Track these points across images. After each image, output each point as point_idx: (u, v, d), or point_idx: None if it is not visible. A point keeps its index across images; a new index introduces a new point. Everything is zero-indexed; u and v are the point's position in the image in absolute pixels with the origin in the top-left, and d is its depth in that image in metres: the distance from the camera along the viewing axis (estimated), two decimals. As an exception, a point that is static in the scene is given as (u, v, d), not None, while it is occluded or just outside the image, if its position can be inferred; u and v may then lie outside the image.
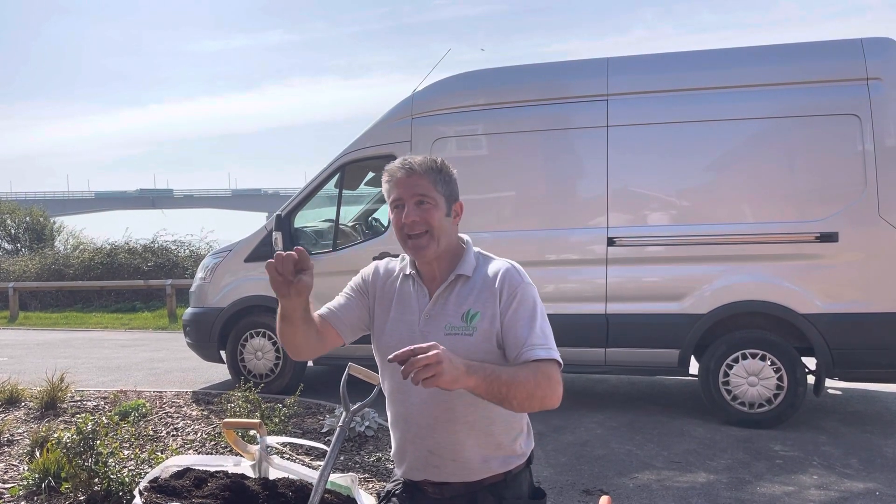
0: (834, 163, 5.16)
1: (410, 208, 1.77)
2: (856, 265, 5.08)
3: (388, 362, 1.52)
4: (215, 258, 6.85)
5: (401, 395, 1.85)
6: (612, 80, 5.63)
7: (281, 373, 6.44)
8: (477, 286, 1.80)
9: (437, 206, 1.78)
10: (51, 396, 5.61)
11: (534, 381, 1.61)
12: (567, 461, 4.55)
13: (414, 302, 1.86)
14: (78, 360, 8.79)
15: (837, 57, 5.25)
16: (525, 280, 1.80)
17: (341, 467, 4.29)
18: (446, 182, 1.82)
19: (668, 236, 5.48)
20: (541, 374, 1.63)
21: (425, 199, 1.77)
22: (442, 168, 1.82)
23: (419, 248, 1.79)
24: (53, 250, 19.56)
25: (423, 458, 1.83)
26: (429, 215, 1.77)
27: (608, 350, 5.55)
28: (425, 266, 1.86)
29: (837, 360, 5.11)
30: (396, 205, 1.80)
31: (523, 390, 1.59)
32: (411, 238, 1.79)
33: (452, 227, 1.84)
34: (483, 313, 1.77)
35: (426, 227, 1.77)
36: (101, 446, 3.62)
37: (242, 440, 2.58)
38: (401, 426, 1.87)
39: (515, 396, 1.58)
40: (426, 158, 1.82)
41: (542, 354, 1.68)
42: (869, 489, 4.02)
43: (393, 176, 1.81)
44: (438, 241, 1.79)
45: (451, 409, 1.78)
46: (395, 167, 1.81)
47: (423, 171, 1.79)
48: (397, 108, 6.28)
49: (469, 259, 1.85)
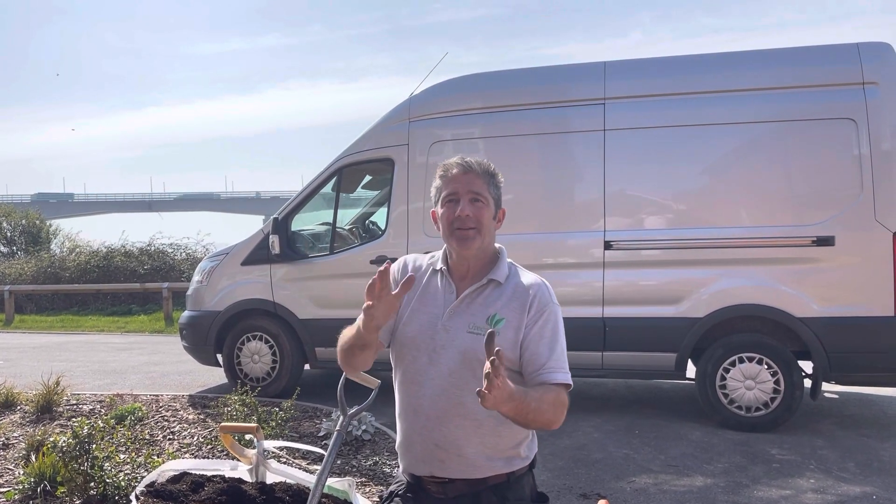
0: (830, 167, 5.17)
1: (465, 203, 1.83)
2: (852, 269, 5.09)
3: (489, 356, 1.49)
4: (212, 261, 6.83)
5: (414, 386, 1.87)
6: (610, 84, 5.64)
7: (278, 376, 6.43)
8: (506, 294, 1.85)
9: (488, 206, 1.87)
10: (46, 400, 5.59)
11: (552, 409, 1.71)
12: (564, 465, 4.55)
13: (440, 296, 1.90)
14: (74, 364, 8.76)
15: (834, 61, 5.27)
16: (554, 300, 1.86)
17: (338, 471, 4.28)
18: (496, 186, 1.91)
19: (665, 240, 5.49)
20: (559, 402, 1.73)
21: (479, 198, 1.85)
22: (495, 173, 1.91)
23: (466, 238, 1.84)
24: (49, 253, 19.51)
25: (429, 451, 1.85)
26: (481, 213, 1.84)
27: (605, 354, 5.55)
28: (459, 264, 1.90)
29: (834, 363, 5.11)
30: (451, 199, 1.86)
31: (543, 417, 1.69)
32: (460, 230, 1.83)
33: (494, 231, 1.91)
34: (509, 321, 1.81)
35: (476, 223, 1.83)
36: (98, 450, 3.61)
37: (239, 444, 2.57)
38: (409, 417, 1.89)
39: (535, 421, 1.68)
40: (482, 161, 1.90)
41: (561, 378, 1.77)
42: (866, 493, 4.02)
43: (448, 171, 1.88)
44: (484, 238, 1.86)
45: (462, 403, 1.81)
46: (452, 163, 1.89)
47: (479, 171, 1.88)
48: (394, 111, 6.28)
49: (503, 267, 1.90)
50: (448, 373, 1.81)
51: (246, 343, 6.51)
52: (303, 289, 6.29)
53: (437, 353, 1.82)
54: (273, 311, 6.41)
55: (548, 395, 1.71)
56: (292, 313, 6.31)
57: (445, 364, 1.82)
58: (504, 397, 1.52)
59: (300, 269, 6.29)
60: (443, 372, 1.81)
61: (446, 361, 1.82)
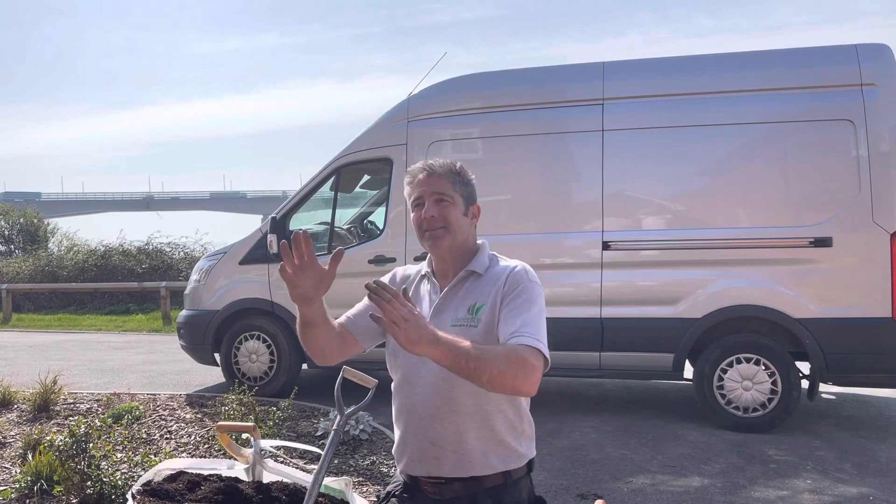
0: (828, 168, 5.18)
1: (430, 204, 1.86)
2: (850, 270, 5.10)
3: (371, 319, 1.55)
4: (210, 261, 6.83)
5: (407, 386, 1.88)
6: (608, 85, 5.65)
7: (275, 376, 6.43)
8: (486, 282, 1.86)
9: (455, 205, 1.88)
10: (43, 399, 5.59)
11: (505, 361, 1.59)
12: (561, 465, 4.55)
13: (427, 299, 1.93)
14: (71, 363, 8.75)
15: (832, 62, 5.28)
16: (531, 278, 1.84)
17: (335, 471, 4.27)
18: (464, 184, 1.91)
19: (663, 240, 5.49)
20: (515, 356, 1.61)
21: (444, 198, 1.87)
22: (460, 171, 1.92)
23: (435, 238, 1.86)
24: (47, 252, 19.49)
25: (424, 449, 1.85)
26: (446, 212, 1.86)
27: (603, 354, 5.56)
28: (440, 263, 1.93)
29: (831, 364, 5.12)
30: (417, 203, 1.90)
31: (493, 367, 1.56)
32: (429, 231, 1.86)
33: (469, 228, 1.92)
34: (486, 304, 1.82)
35: (443, 222, 1.85)
36: (94, 449, 3.60)
37: (236, 443, 2.57)
38: (404, 417, 1.90)
39: (484, 372, 1.56)
40: (446, 162, 1.92)
41: (527, 342, 1.67)
42: (862, 494, 4.02)
43: (414, 177, 1.92)
44: (454, 235, 1.87)
45: (453, 399, 1.81)
46: (416, 169, 1.93)
47: (442, 172, 1.89)
48: (393, 111, 6.28)
49: (482, 258, 1.91)
50: (438, 370, 1.80)
51: (243, 342, 6.51)
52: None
53: None
54: (271, 310, 6.41)
55: (500, 348, 1.63)
56: (290, 313, 6.30)
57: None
58: (418, 337, 1.48)
59: (298, 268, 6.28)
60: (433, 369, 1.81)
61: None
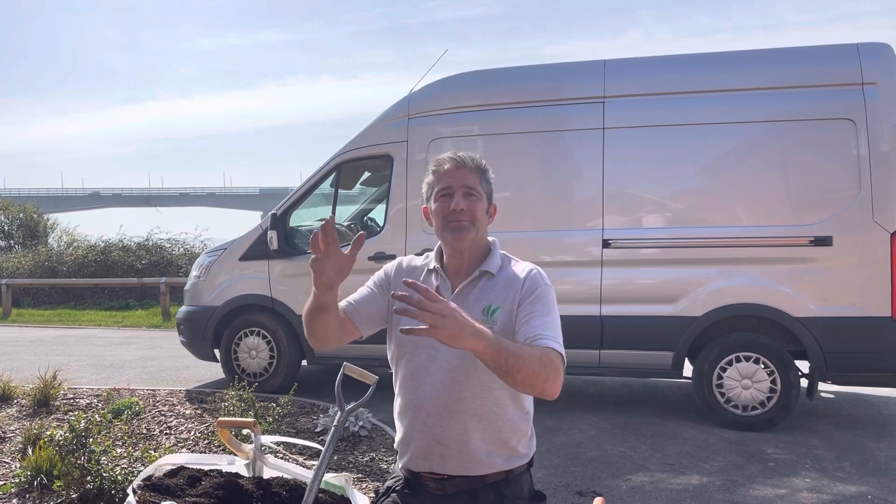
0: (828, 167, 5.18)
1: (460, 197, 1.85)
2: (849, 269, 5.10)
3: (396, 313, 1.53)
4: (210, 256, 6.83)
5: (414, 383, 1.87)
6: (609, 83, 5.64)
7: (275, 372, 6.43)
8: (500, 283, 1.86)
9: (481, 201, 1.89)
10: (43, 394, 5.59)
11: (539, 362, 1.61)
12: (560, 462, 4.55)
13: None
14: (71, 358, 8.75)
15: (833, 61, 5.27)
16: (547, 282, 1.86)
17: (335, 467, 4.28)
18: (488, 182, 1.93)
19: (663, 239, 5.50)
20: (546, 358, 1.64)
21: (473, 192, 1.87)
22: (486, 169, 1.94)
23: (460, 229, 1.85)
24: (47, 247, 19.48)
25: (430, 446, 1.85)
26: (475, 207, 1.87)
27: (602, 352, 5.56)
28: (453, 259, 1.92)
29: (830, 363, 5.13)
30: (444, 193, 1.87)
31: (529, 367, 1.59)
32: (455, 222, 1.85)
33: (486, 226, 1.93)
34: (503, 307, 1.82)
35: (471, 217, 1.85)
36: (94, 444, 3.61)
37: (236, 439, 2.57)
38: (409, 414, 1.89)
39: (521, 371, 1.58)
40: (473, 156, 1.92)
41: (551, 344, 1.70)
42: (861, 492, 4.03)
43: (441, 166, 1.90)
44: (478, 230, 1.87)
45: (462, 398, 1.81)
46: (444, 158, 1.90)
47: (472, 166, 1.90)
48: (394, 108, 6.27)
49: (495, 258, 1.91)
50: (448, 368, 1.81)
51: (243, 338, 6.52)
52: (301, 284, 6.28)
53: (435, 349, 1.82)
54: (271, 306, 6.41)
55: (533, 349, 1.65)
56: (290, 309, 6.31)
57: (445, 360, 1.82)
58: (459, 331, 1.46)
59: (298, 264, 6.28)
60: (442, 368, 1.82)
61: (445, 357, 1.82)
